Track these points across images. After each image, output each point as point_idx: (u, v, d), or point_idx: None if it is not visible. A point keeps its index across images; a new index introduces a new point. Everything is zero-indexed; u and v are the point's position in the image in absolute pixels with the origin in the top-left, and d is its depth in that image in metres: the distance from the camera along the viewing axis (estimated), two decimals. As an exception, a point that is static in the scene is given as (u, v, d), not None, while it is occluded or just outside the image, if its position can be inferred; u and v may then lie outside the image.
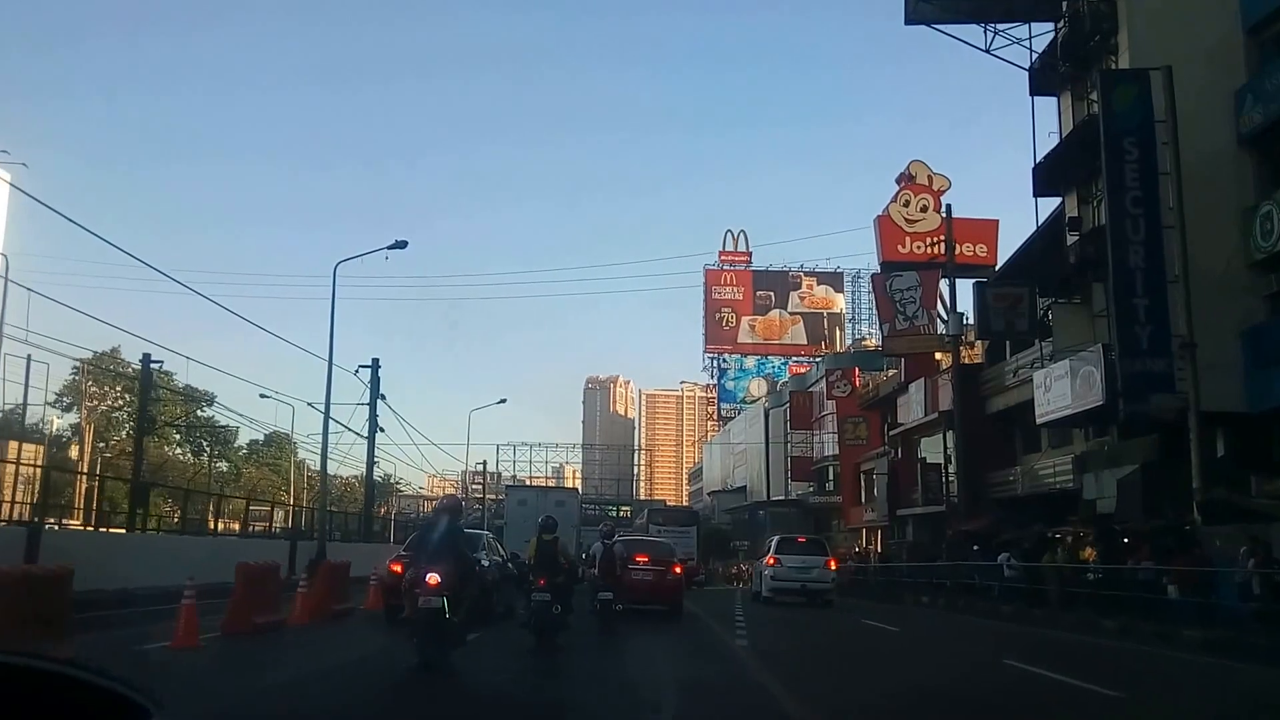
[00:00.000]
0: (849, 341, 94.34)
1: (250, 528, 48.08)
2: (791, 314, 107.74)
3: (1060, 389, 27.44)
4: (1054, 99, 30.79)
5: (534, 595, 13.25)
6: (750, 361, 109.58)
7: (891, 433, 44.40)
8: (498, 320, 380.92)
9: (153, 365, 36.11)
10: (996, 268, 44.79)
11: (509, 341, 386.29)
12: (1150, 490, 25.27)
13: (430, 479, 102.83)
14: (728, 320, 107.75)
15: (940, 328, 41.77)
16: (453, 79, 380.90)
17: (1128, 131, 24.35)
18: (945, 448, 36.43)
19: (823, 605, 28.08)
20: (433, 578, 9.96)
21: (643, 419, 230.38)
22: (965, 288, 40.68)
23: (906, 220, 48.10)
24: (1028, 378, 31.29)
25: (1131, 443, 26.40)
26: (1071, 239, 28.79)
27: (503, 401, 59.24)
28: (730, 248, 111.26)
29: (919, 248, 47.55)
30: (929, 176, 48.85)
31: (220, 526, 43.22)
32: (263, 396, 41.17)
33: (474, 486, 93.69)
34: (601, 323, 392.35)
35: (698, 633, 18.44)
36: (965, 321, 36.37)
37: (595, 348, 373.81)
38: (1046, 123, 30.93)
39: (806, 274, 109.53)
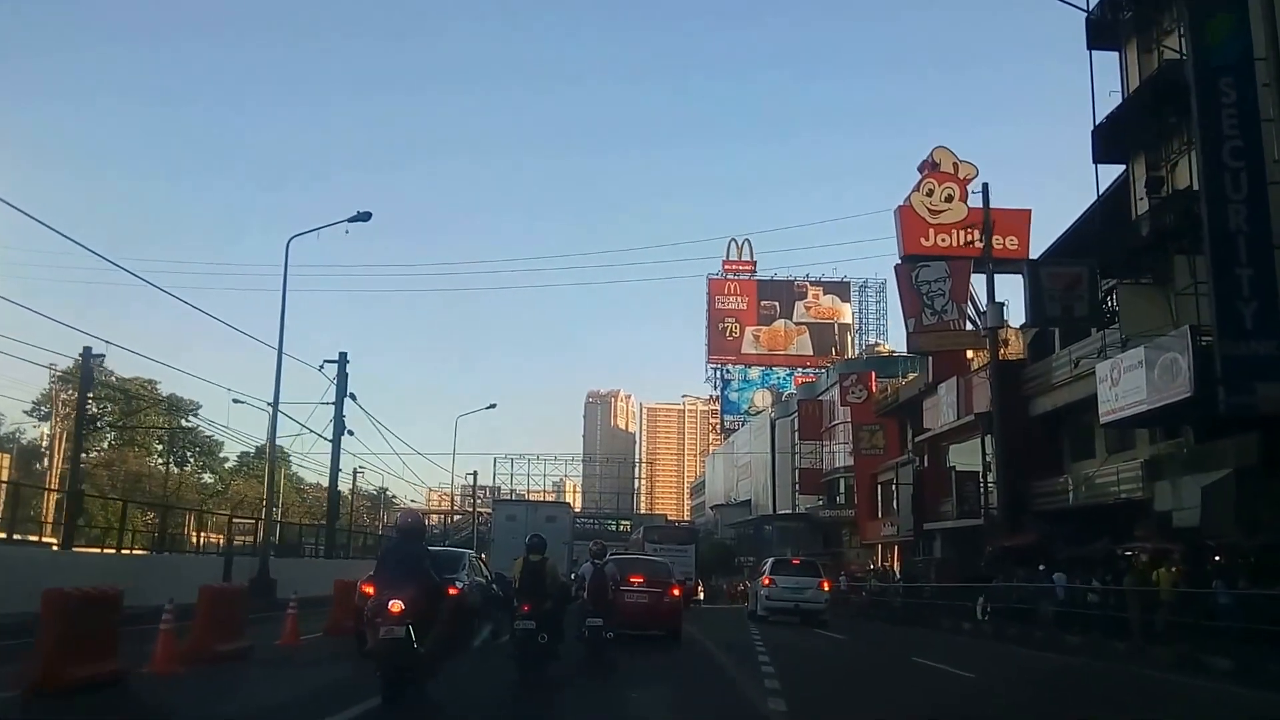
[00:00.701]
0: (859, 350, 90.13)
1: (240, 542, 44.22)
2: (797, 324, 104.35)
3: (1132, 382, 23.07)
4: (1115, 54, 26.61)
5: (517, 623, 12.19)
6: (754, 373, 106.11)
7: (917, 439, 40.05)
8: (496, 332, 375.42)
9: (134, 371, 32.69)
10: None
11: (507, 354, 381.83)
12: (1246, 499, 20.98)
13: (430, 493, 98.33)
14: (731, 330, 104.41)
15: (971, 324, 37.60)
16: (458, 88, 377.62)
17: (1224, 70, 20.20)
18: (984, 454, 32.06)
19: (818, 624, 28.04)
20: (395, 605, 9.15)
21: (644, 433, 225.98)
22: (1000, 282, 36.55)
23: (930, 210, 43.79)
24: (1086, 371, 26.94)
25: (1221, 444, 22.07)
26: (1143, 208, 24.58)
27: (492, 406, 53.88)
28: (734, 256, 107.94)
29: (944, 240, 43.35)
30: (954, 164, 44.53)
31: (201, 540, 39.45)
32: (236, 401, 36.90)
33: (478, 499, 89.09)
34: (603, 336, 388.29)
35: (709, 677, 14.20)
36: (1004, 314, 32.18)
37: (596, 361, 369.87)
38: (1107, 82, 26.87)
39: (812, 283, 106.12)
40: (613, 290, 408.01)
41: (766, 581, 30.32)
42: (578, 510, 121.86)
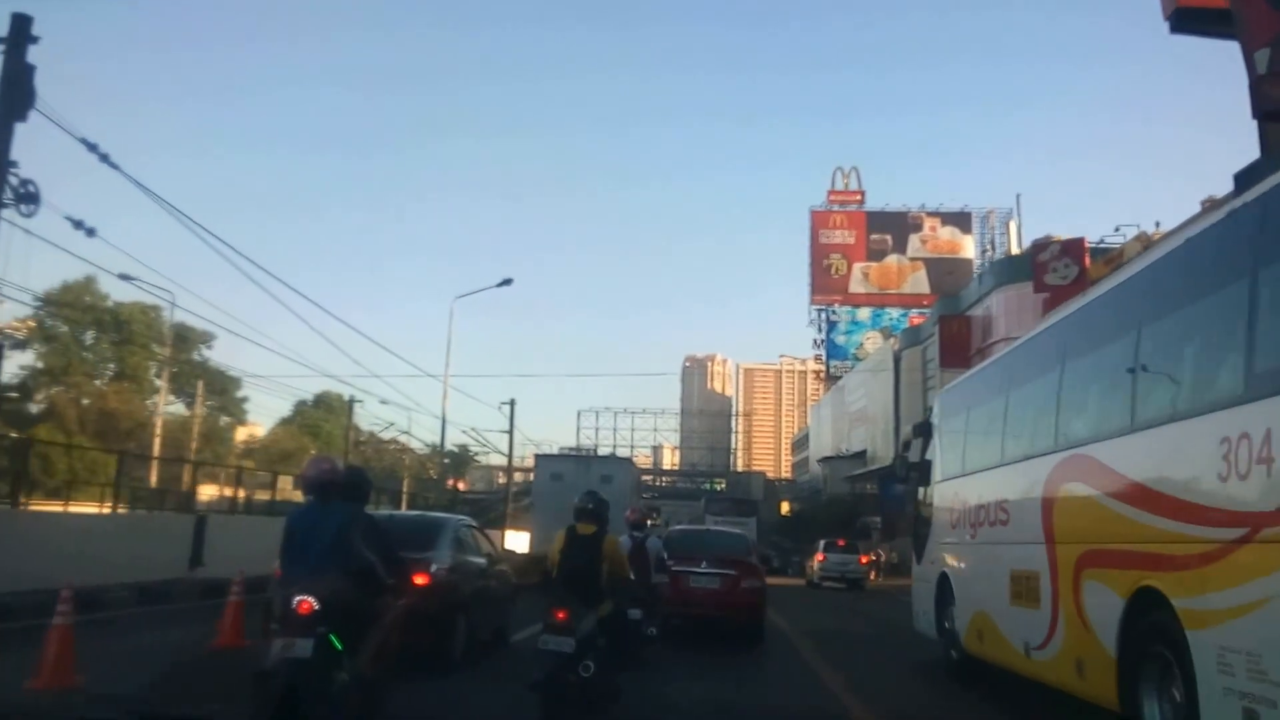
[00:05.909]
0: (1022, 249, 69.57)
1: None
2: (911, 259, 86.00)
3: None
4: None
5: (544, 640, 6.50)
6: (864, 313, 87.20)
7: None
8: (594, 303, 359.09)
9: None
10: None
11: (602, 319, 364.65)
12: None
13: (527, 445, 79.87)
14: (837, 267, 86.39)
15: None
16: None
17: None
18: None
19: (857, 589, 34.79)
20: (303, 603, 5.29)
21: (740, 395, 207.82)
22: None
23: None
24: None
25: None
26: None
27: (507, 282, 33.73)
28: (840, 186, 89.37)
29: (1242, -16, 23.66)
30: None
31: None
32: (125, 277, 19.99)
33: (575, 445, 70.46)
34: (699, 301, 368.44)
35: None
36: None
37: (693, 327, 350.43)
38: None
39: (928, 214, 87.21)
40: (710, 246, 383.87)
41: (820, 558, 37.13)
42: (674, 466, 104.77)
